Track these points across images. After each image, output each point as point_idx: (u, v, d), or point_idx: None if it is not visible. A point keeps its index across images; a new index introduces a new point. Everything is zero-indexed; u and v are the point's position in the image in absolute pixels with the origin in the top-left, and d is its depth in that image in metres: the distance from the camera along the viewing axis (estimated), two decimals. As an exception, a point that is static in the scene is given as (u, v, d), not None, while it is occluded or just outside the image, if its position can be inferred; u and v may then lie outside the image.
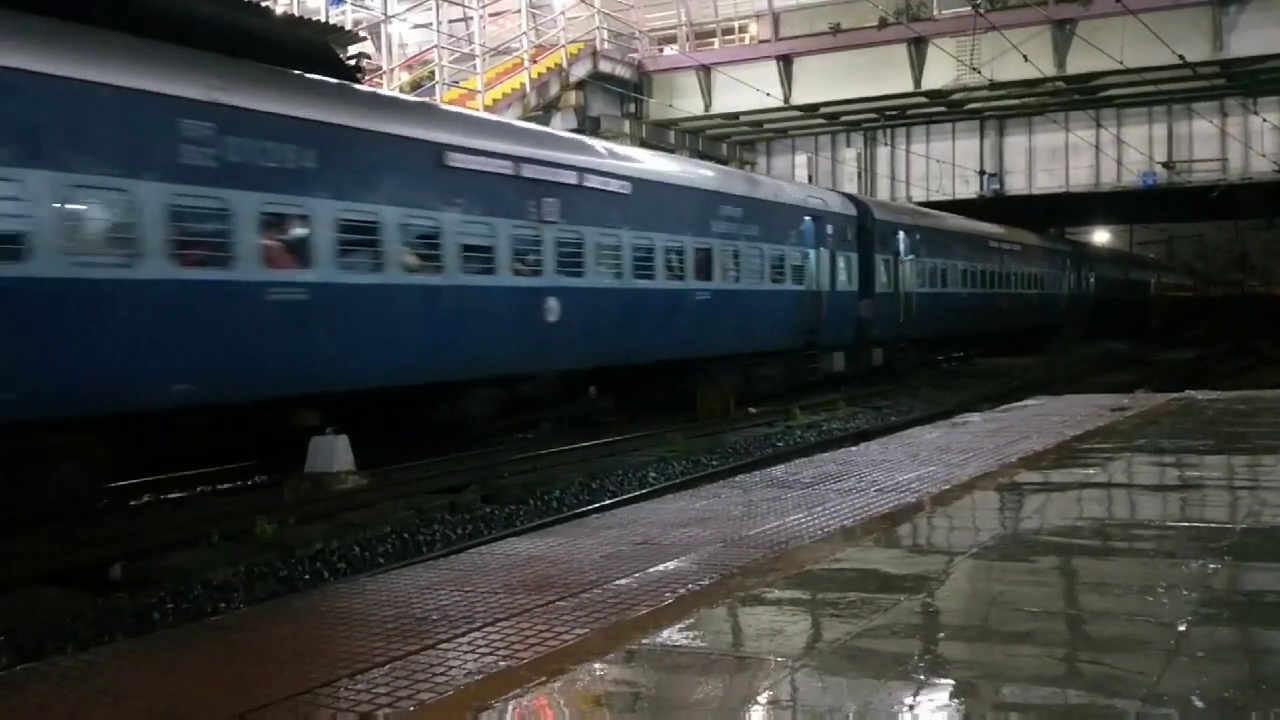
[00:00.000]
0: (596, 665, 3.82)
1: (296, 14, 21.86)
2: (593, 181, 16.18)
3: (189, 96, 10.58)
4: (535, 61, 25.87)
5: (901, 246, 27.19)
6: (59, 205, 9.47)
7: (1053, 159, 32.45)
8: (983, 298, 32.91)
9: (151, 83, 10.32)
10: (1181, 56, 23.36)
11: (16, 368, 9.28)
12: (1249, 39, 24.74)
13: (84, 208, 9.81)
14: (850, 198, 26.27)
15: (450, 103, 20.73)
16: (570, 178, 15.67)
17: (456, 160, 13.66)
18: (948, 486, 7.27)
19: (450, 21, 26.42)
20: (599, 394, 17.86)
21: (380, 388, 12.80)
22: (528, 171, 14.82)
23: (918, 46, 27.27)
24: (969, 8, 24.90)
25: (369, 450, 12.46)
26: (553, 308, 15.18)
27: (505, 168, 14.48)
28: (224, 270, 10.83)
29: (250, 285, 11.13)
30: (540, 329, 14.99)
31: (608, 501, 11.26)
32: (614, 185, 16.74)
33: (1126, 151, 30.98)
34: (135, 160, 10.09)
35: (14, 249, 9.16)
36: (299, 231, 11.67)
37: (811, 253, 22.49)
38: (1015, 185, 33.21)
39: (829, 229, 23.32)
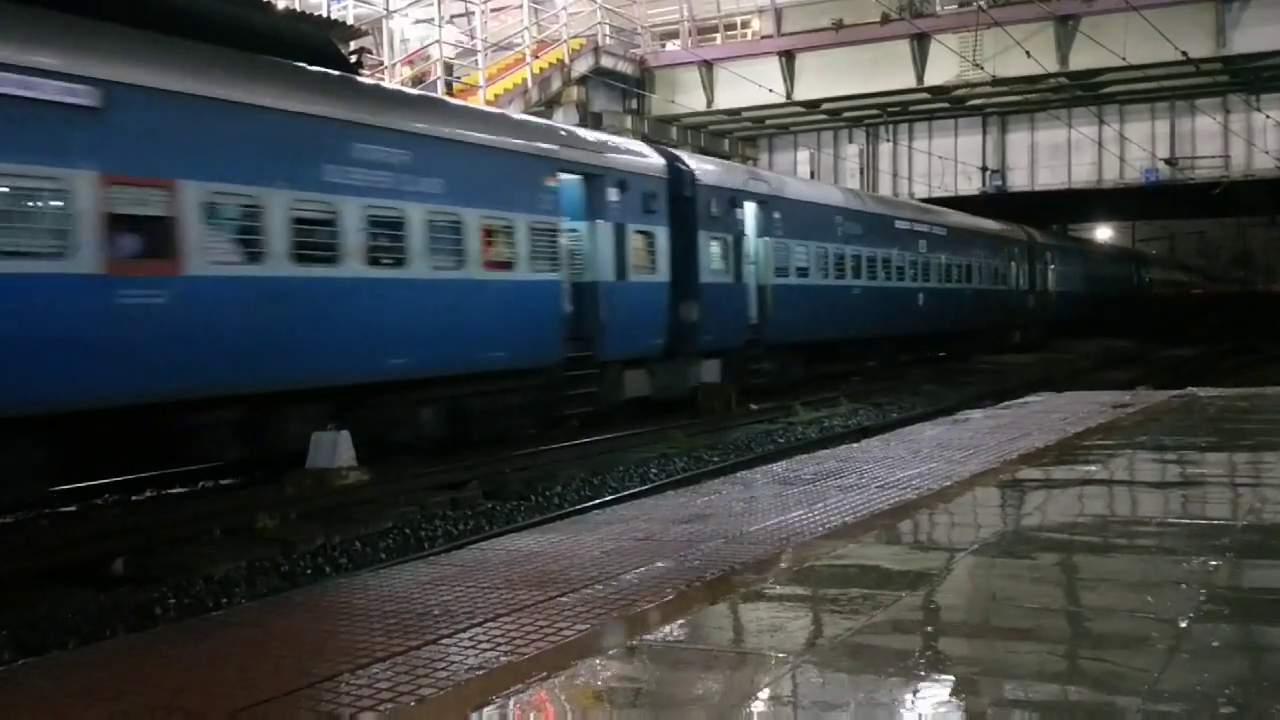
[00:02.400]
0: (598, 661, 3.82)
1: (298, 9, 21.86)
2: (935, 230, 30.16)
3: (842, 206, 25.23)
4: (537, 57, 25.86)
5: (1049, 259, 40.52)
6: (814, 255, 23.14)
7: (1055, 155, 32.42)
8: (1090, 295, 45.71)
9: (833, 201, 25.18)
10: (1184, 53, 23.33)
11: (801, 323, 22.28)
12: (1252, 35, 24.69)
13: (814, 255, 23.20)
14: (1020, 227, 38.03)
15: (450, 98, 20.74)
16: (927, 229, 29.65)
17: (897, 225, 28.03)
18: (949, 483, 7.27)
19: (452, 17, 26.39)
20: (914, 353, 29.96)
21: (865, 337, 25.97)
22: (916, 228, 29.04)
23: (920, 42, 27.22)
24: (972, 4, 24.88)
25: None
26: (919, 299, 28.87)
27: (908, 226, 28.63)
28: (844, 280, 24.57)
29: (851, 287, 24.96)
30: (916, 310, 28.68)
31: (609, 497, 11.27)
32: (944, 232, 30.83)
33: (1129, 148, 30.93)
34: (824, 233, 23.83)
35: (804, 270, 22.75)
36: (864, 263, 25.72)
37: (1010, 264, 36.44)
38: (1017, 182, 33.20)
39: (1016, 250, 37.02)
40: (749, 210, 20.68)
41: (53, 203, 9.27)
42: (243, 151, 10.81)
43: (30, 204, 9.17)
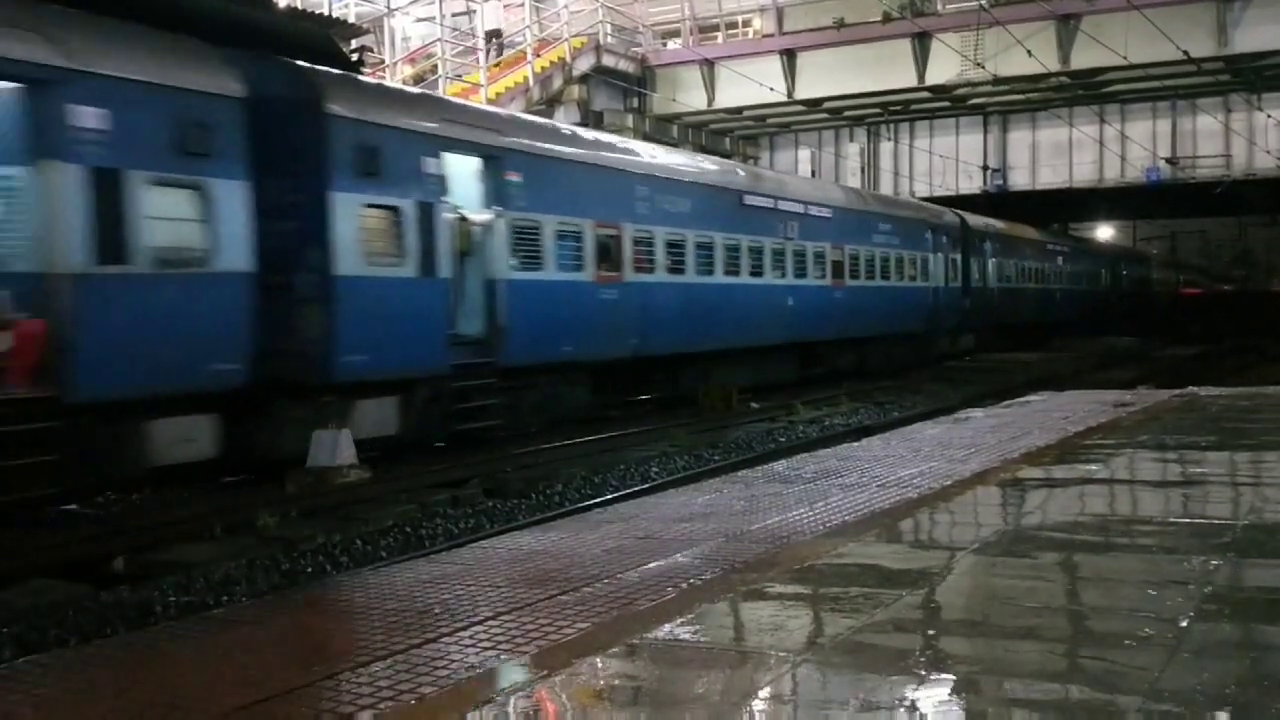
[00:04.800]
0: (598, 659, 3.83)
1: (300, 6, 21.85)
2: (1063, 248, 43.18)
3: (1023, 236, 37.75)
4: (538, 55, 25.85)
5: (1123, 267, 54.34)
6: (1013, 267, 36.37)
7: (1056, 154, 32.43)
8: (1149, 294, 58.22)
9: (1022, 234, 37.95)
10: (1186, 52, 23.30)
11: (1009, 312, 35.90)
12: (1253, 35, 24.66)
13: (1014, 268, 36.12)
14: (1108, 242, 54.57)
15: (453, 95, 20.74)
16: (1059, 247, 42.93)
17: (1048, 246, 40.96)
18: (950, 482, 7.27)
19: (453, 15, 26.39)
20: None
21: (1031, 322, 38.36)
22: (1056, 247, 42.31)
23: (921, 41, 27.21)
24: (973, 2, 24.87)
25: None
26: (1056, 296, 41.40)
27: (1053, 246, 41.66)
28: (1026, 284, 37.50)
29: (1027, 289, 37.70)
30: (1055, 304, 41.23)
31: (610, 496, 11.25)
32: (1069, 248, 43.72)
33: (1130, 147, 30.91)
34: (1017, 254, 36.83)
35: (1009, 278, 35.98)
36: (1033, 272, 38.68)
37: (1102, 270, 49.56)
38: (1019, 181, 33.20)
39: (1106, 260, 50.71)
40: (988, 241, 33.28)
41: (830, 258, 23.38)
42: (867, 233, 25.25)
43: (825, 260, 23.15)
